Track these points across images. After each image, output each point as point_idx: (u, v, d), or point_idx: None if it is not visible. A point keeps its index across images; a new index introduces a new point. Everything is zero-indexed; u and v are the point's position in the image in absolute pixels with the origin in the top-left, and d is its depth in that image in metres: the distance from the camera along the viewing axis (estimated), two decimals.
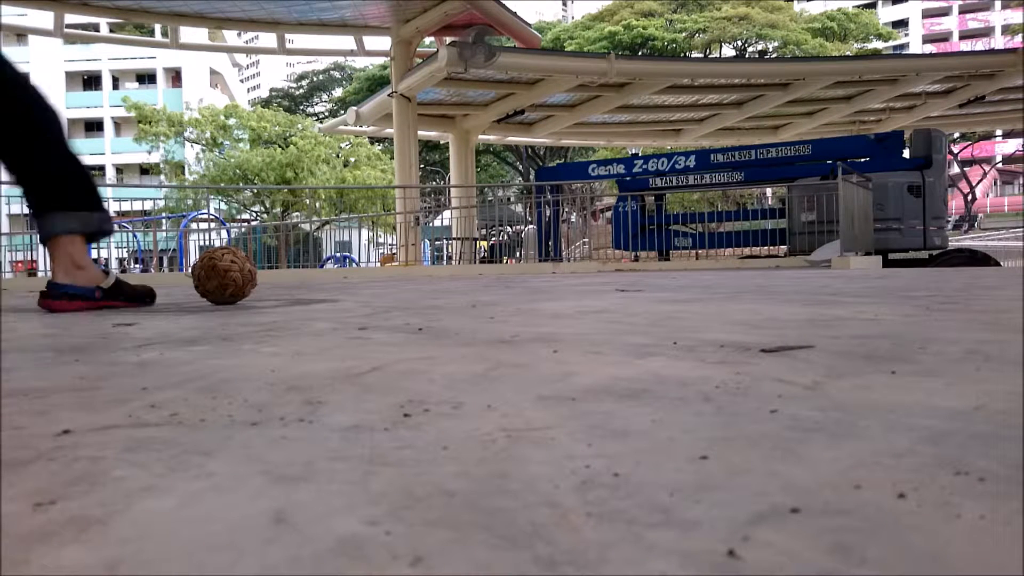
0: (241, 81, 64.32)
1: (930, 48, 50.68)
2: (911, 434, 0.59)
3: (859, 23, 35.91)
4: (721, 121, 16.03)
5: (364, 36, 13.11)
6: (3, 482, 0.50)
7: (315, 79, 51.68)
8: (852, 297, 2.29)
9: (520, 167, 31.64)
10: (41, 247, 2.90)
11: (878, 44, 37.96)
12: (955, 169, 34.51)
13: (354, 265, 12.80)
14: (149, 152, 32.78)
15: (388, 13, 11.91)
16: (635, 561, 0.36)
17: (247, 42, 28.51)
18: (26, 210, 2.34)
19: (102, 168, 43.59)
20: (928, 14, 57.85)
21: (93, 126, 44.91)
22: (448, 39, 11.52)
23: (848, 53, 30.26)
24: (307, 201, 24.50)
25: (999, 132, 32.43)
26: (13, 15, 18.59)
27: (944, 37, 56.80)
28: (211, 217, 15.87)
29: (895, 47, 47.46)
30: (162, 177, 34.96)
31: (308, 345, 1.28)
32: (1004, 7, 52.01)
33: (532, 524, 0.41)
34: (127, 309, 2.30)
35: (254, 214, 28.62)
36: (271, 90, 55.16)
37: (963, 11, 56.89)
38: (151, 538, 0.40)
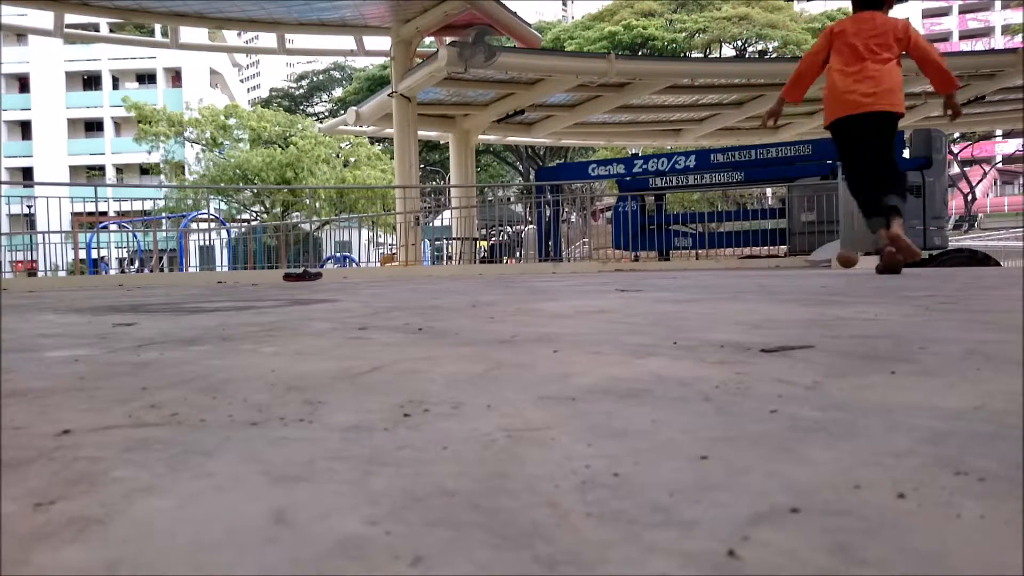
0: (241, 81, 64.25)
1: None
2: (911, 434, 0.59)
3: None
4: (721, 121, 16.01)
5: (364, 36, 13.09)
6: (3, 482, 0.50)
7: (315, 79, 51.66)
8: (852, 297, 2.29)
9: (520, 167, 31.61)
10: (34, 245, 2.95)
11: None
12: (955, 169, 34.47)
13: (354, 265, 12.79)
14: (149, 152, 32.76)
15: (388, 13, 11.90)
16: (635, 561, 0.36)
17: (247, 42, 28.50)
18: (26, 210, 2.36)
19: (102, 168, 43.56)
20: (928, 14, 57.78)
21: (93, 126, 44.88)
22: (448, 39, 11.51)
23: None
24: (307, 201, 24.49)
25: (999, 132, 32.39)
26: (13, 15, 18.59)
27: (944, 37, 56.72)
28: (211, 217, 15.86)
29: None
30: (162, 177, 34.92)
31: (308, 345, 1.28)
32: (1004, 7, 51.97)
33: (532, 524, 0.41)
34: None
35: (254, 214, 28.59)
36: (271, 90, 55.15)
37: (963, 11, 56.84)
38: (151, 538, 0.40)
